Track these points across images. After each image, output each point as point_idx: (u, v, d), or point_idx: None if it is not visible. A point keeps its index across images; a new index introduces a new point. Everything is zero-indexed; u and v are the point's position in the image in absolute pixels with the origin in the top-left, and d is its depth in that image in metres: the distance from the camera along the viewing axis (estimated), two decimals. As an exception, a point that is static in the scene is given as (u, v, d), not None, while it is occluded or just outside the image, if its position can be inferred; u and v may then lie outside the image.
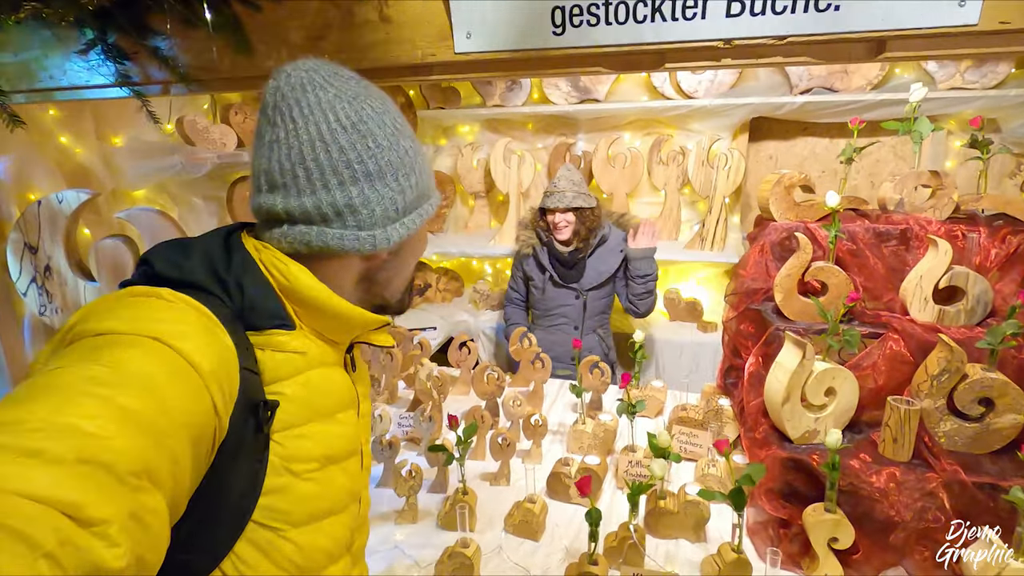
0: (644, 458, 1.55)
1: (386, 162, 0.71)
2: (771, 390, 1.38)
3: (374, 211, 0.71)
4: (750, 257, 1.71)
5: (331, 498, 0.75)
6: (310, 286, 0.71)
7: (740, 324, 1.73)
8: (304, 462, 0.71)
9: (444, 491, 1.57)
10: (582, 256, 2.53)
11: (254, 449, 0.66)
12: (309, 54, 0.74)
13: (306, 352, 0.72)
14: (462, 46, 0.99)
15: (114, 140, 1.69)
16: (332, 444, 0.75)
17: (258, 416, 0.65)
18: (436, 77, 1.08)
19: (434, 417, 1.76)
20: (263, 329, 0.68)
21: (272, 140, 0.69)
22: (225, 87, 1.18)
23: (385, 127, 0.72)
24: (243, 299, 0.67)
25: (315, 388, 0.73)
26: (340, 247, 0.71)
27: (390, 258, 0.77)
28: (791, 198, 1.67)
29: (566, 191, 2.43)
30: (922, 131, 1.54)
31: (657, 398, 1.98)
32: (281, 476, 0.68)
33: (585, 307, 2.59)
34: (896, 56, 0.93)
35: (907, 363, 1.37)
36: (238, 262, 0.69)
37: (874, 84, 2.58)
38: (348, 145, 0.69)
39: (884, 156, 2.89)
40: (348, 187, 0.70)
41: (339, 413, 0.77)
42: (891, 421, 1.28)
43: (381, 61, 1.04)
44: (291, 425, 0.70)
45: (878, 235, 1.55)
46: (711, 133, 2.94)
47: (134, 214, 1.53)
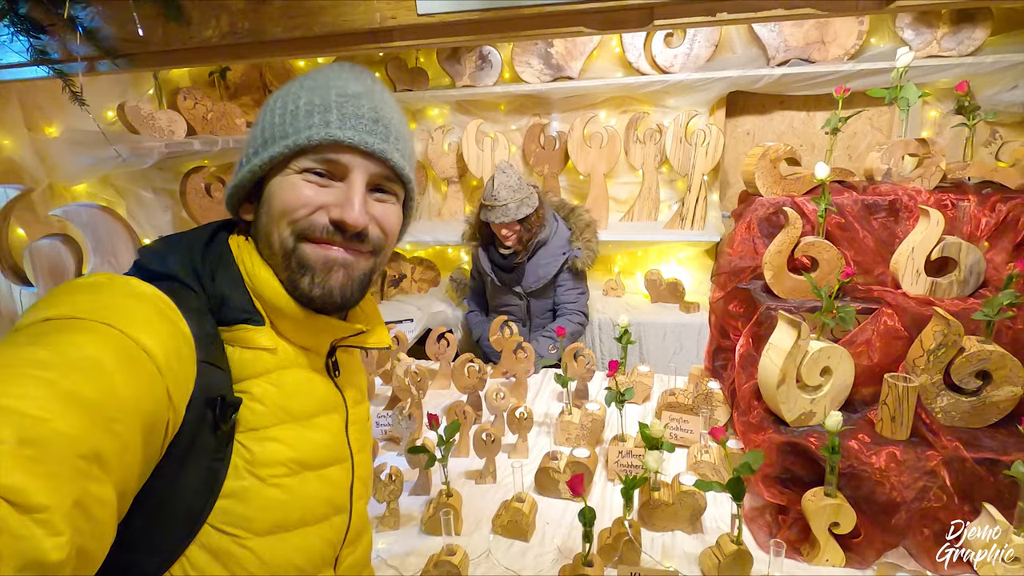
0: (635, 447, 1.49)
1: (268, 108, 0.71)
2: (765, 372, 1.32)
3: (246, 151, 0.71)
4: (736, 234, 1.65)
5: (303, 507, 0.70)
6: (272, 289, 0.69)
7: (728, 304, 1.68)
8: (271, 466, 0.67)
9: (427, 493, 1.49)
10: (520, 261, 2.44)
11: (212, 447, 0.63)
12: (250, 20, 0.65)
13: (275, 349, 0.69)
14: (425, 6, 0.88)
15: (47, 130, 1.53)
16: (307, 449, 0.71)
17: (215, 412, 0.62)
18: (397, 44, 0.97)
19: (414, 415, 1.67)
20: (232, 323, 0.67)
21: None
22: (158, 62, 1.04)
23: (292, 84, 0.72)
24: (214, 292, 0.66)
25: (285, 389, 0.70)
26: (230, 188, 0.73)
27: (258, 222, 0.72)
28: (777, 172, 1.61)
29: (508, 203, 2.28)
30: (909, 98, 1.49)
31: (644, 383, 1.92)
32: (243, 479, 0.65)
33: (529, 308, 2.53)
34: (906, 6, 0.86)
35: (901, 338, 1.33)
36: (214, 255, 0.69)
37: (851, 54, 2.54)
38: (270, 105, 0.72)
39: (861, 128, 2.87)
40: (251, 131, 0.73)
41: (318, 417, 0.74)
42: (889, 399, 1.23)
43: (334, 26, 0.92)
44: (259, 426, 0.67)
45: (867, 207, 1.51)
46: (688, 109, 2.87)
47: (72, 211, 1.39)
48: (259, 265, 0.70)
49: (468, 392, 1.86)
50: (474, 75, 2.96)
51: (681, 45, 2.73)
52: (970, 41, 2.37)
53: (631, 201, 3.10)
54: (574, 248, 2.49)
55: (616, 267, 3.27)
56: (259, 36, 0.91)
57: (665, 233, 2.89)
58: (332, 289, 0.70)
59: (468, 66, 2.96)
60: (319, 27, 0.93)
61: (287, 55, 0.99)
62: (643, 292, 3.11)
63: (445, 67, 2.99)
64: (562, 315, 2.51)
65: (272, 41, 0.89)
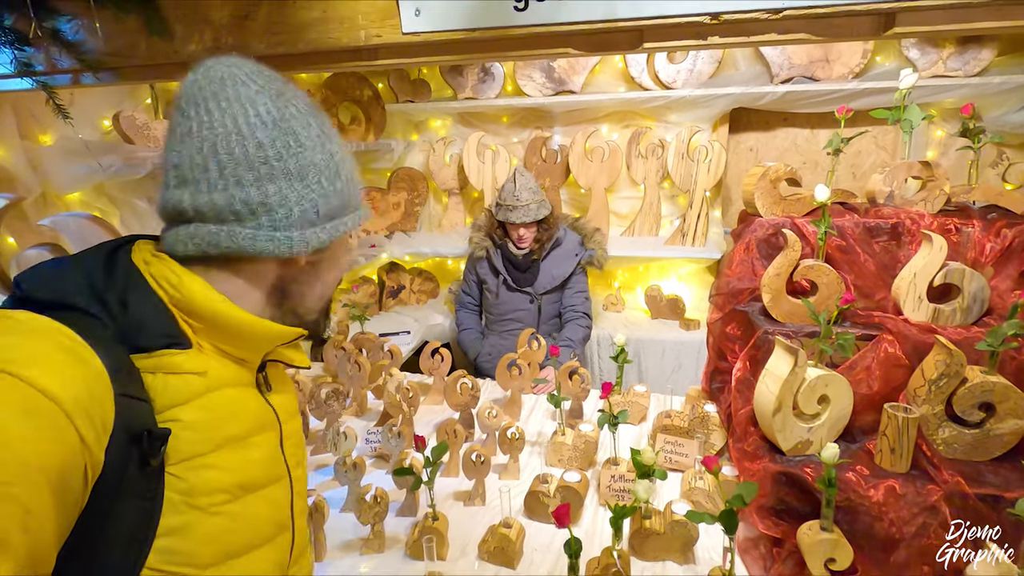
0: (628, 472, 1.45)
1: (308, 162, 0.67)
2: (761, 399, 1.29)
3: (292, 211, 0.66)
4: (735, 255, 1.62)
5: (249, 531, 0.69)
6: (206, 297, 0.65)
7: (725, 326, 1.64)
8: (210, 494, 0.64)
9: (414, 515, 1.46)
10: (536, 259, 2.46)
11: (142, 486, 0.59)
12: (234, 36, 0.63)
13: (205, 372, 0.65)
14: (410, 25, 0.87)
15: (42, 139, 1.53)
16: (247, 471, 0.69)
17: (143, 447, 0.58)
18: (382, 62, 0.95)
19: (404, 432, 1.64)
20: (152, 350, 0.62)
21: (185, 133, 0.64)
22: (141, 76, 1.03)
23: (310, 128, 0.67)
24: (127, 318, 0.61)
25: (220, 412, 0.67)
26: (252, 248, 0.65)
27: (307, 268, 0.72)
28: (777, 192, 1.58)
29: (529, 204, 2.33)
30: (912, 119, 1.46)
31: (640, 404, 1.88)
32: (182, 514, 0.61)
33: (540, 311, 2.51)
34: (906, 32, 0.83)
35: (902, 366, 1.29)
36: (121, 277, 0.63)
37: (856, 73, 2.52)
38: (267, 141, 0.64)
39: (866, 147, 2.84)
40: (264, 184, 0.64)
41: (254, 436, 0.71)
42: (888, 430, 1.20)
43: (318, 43, 0.91)
44: (193, 455, 0.63)
45: (868, 230, 1.47)
46: (691, 125, 2.85)
47: (60, 220, 1.38)
48: (189, 278, 0.65)
49: (460, 409, 1.82)
50: (476, 87, 2.96)
51: (684, 61, 2.72)
52: (976, 61, 2.34)
53: (632, 216, 3.08)
54: (588, 249, 2.53)
55: (616, 282, 3.24)
56: (243, 52, 0.89)
57: (666, 249, 2.86)
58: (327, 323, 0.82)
59: (470, 78, 2.95)
60: (304, 44, 0.91)
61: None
62: (643, 308, 3.07)
63: (447, 79, 2.99)
64: (569, 320, 2.50)
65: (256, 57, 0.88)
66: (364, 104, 2.96)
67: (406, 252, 3.16)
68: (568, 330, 2.46)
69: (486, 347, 2.57)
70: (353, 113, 2.98)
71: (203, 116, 0.63)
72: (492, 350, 2.53)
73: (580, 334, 2.46)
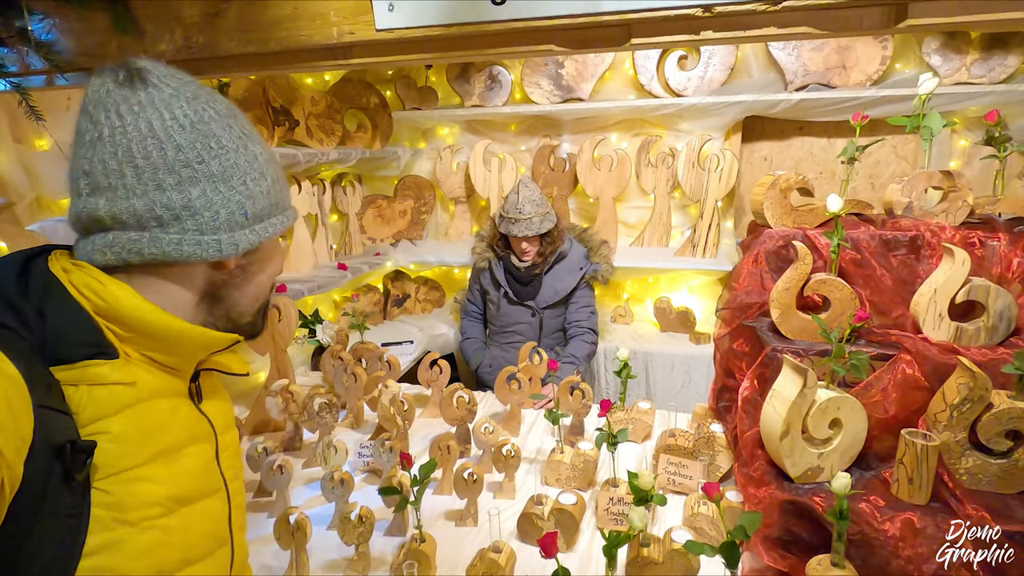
0: (627, 494, 1.38)
1: (232, 164, 0.65)
2: (768, 421, 1.21)
3: (218, 214, 0.65)
4: (743, 268, 1.55)
5: (184, 546, 0.67)
6: (134, 305, 0.63)
7: (733, 342, 1.57)
8: (142, 508, 0.62)
9: (403, 535, 1.40)
10: (538, 272, 2.39)
11: (65, 502, 0.56)
12: (205, 35, 0.60)
13: (134, 382, 0.63)
14: (383, 21, 0.82)
15: (37, 143, 1.52)
16: (180, 483, 0.67)
17: (65, 461, 0.55)
18: (356, 61, 0.91)
19: (396, 447, 1.58)
20: (74, 361, 0.59)
21: (95, 139, 0.61)
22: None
23: (230, 129, 0.66)
24: (45, 329, 0.59)
25: (150, 423, 0.65)
26: (178, 254, 0.63)
27: (238, 271, 0.70)
28: (788, 202, 1.51)
29: (532, 217, 2.26)
30: (933, 127, 1.38)
31: (644, 421, 1.81)
32: (110, 531, 0.59)
33: (541, 325, 2.44)
34: (920, 24, 0.76)
35: (921, 389, 1.20)
36: (38, 287, 0.60)
37: (874, 80, 2.43)
38: (186, 144, 0.63)
39: (885, 156, 2.74)
40: (187, 188, 0.63)
41: (187, 448, 0.70)
42: (906, 458, 1.11)
43: (290, 41, 0.87)
44: (122, 468, 0.61)
45: (885, 243, 1.39)
46: (702, 133, 2.78)
47: (48, 226, 1.36)
48: (114, 285, 0.62)
49: (456, 424, 1.77)
50: (483, 95, 2.93)
51: (695, 68, 2.65)
52: (1002, 68, 2.25)
53: (641, 226, 3.01)
54: (593, 263, 2.45)
55: (625, 293, 3.17)
56: (213, 51, 0.86)
57: (676, 260, 2.78)
58: (263, 324, 0.79)
59: (477, 86, 2.92)
60: (275, 43, 0.87)
61: (244, 72, 0.94)
62: (652, 320, 3.00)
63: (454, 86, 2.96)
64: (574, 336, 2.43)
65: (227, 57, 0.84)
66: (370, 111, 2.94)
67: (411, 260, 3.12)
68: (572, 346, 2.39)
69: (487, 358, 2.51)
70: (359, 120, 2.96)
71: (115, 121, 0.61)
72: (494, 362, 2.48)
73: (585, 350, 2.39)
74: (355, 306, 2.85)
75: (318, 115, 2.58)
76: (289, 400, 1.73)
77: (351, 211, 3.03)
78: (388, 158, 3.07)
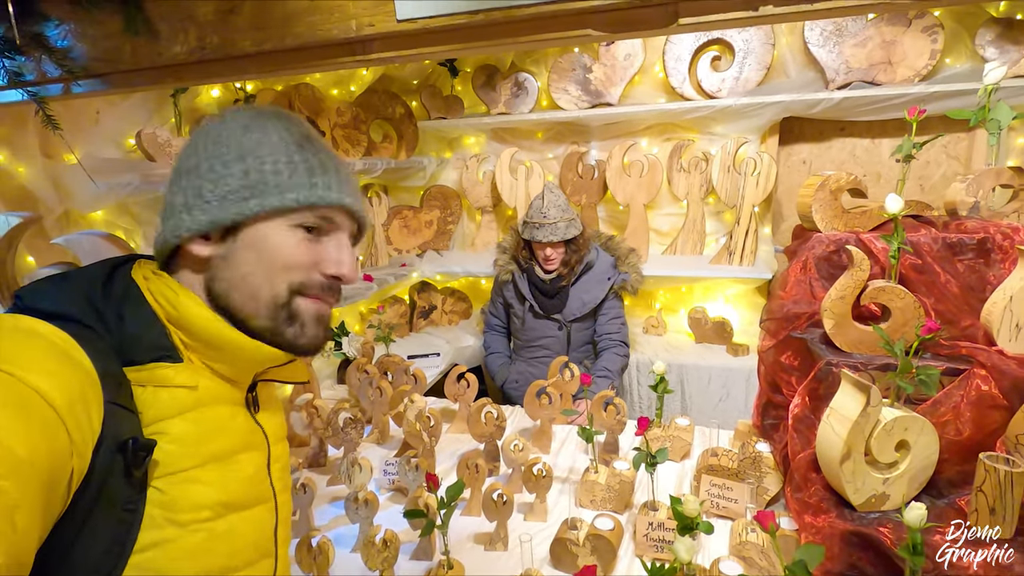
0: (668, 519, 1.29)
1: (205, 156, 0.68)
2: (826, 443, 1.11)
3: (186, 199, 0.67)
4: (790, 275, 1.45)
5: (229, 552, 0.67)
6: (200, 315, 0.66)
7: (779, 355, 1.46)
8: (193, 510, 0.64)
9: (429, 559, 1.33)
10: (565, 285, 2.29)
11: (123, 496, 0.58)
12: (219, 34, 0.57)
13: (196, 386, 0.66)
14: (405, 11, 0.77)
15: (67, 157, 1.52)
16: (231, 489, 0.68)
17: (127, 456, 0.58)
18: (377, 55, 0.86)
19: (422, 465, 1.52)
20: (144, 363, 0.63)
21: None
22: (128, 82, 0.97)
23: (230, 131, 0.68)
24: (122, 331, 0.63)
25: (207, 426, 0.67)
26: (161, 241, 0.68)
27: (219, 262, 0.68)
28: (838, 204, 1.41)
29: (557, 222, 2.18)
30: (1000, 119, 1.27)
31: (683, 439, 1.71)
32: (162, 529, 0.61)
33: (569, 339, 2.35)
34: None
35: (999, 407, 1.08)
36: (119, 292, 0.65)
37: (923, 75, 2.30)
38: (186, 152, 0.69)
39: (935, 156, 2.59)
40: (173, 186, 0.69)
41: (240, 455, 0.71)
42: (986, 486, 1.00)
43: (307, 36, 0.82)
44: (178, 469, 0.63)
45: (949, 246, 1.28)
46: (737, 136, 2.67)
47: (74, 239, 1.36)
48: (185, 295, 0.67)
49: (484, 441, 1.70)
50: (510, 102, 2.88)
51: (729, 69, 2.56)
52: (1066, 59, 2.09)
53: (674, 233, 2.91)
54: (621, 273, 2.36)
55: (658, 303, 3.07)
56: (229, 51, 0.82)
57: (711, 268, 2.67)
58: (318, 338, 0.73)
59: (503, 93, 2.88)
60: (292, 38, 0.83)
61: (261, 73, 0.90)
62: (687, 331, 2.88)
63: (480, 94, 2.93)
64: (605, 348, 2.33)
65: (243, 56, 0.81)
66: (396, 121, 2.93)
67: (437, 271, 3.08)
68: (605, 359, 2.29)
69: (513, 373, 2.43)
70: (385, 131, 2.95)
71: None
72: (520, 377, 2.40)
73: (618, 364, 2.28)
74: (381, 318, 2.81)
75: (344, 126, 2.57)
76: (314, 415, 1.69)
77: (377, 222, 3.01)
78: (414, 168, 3.05)
